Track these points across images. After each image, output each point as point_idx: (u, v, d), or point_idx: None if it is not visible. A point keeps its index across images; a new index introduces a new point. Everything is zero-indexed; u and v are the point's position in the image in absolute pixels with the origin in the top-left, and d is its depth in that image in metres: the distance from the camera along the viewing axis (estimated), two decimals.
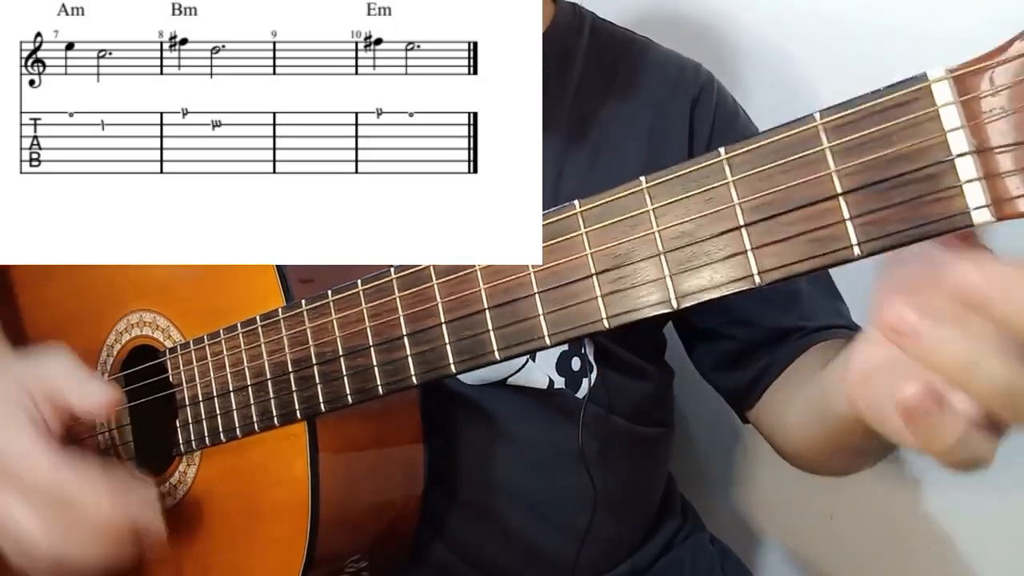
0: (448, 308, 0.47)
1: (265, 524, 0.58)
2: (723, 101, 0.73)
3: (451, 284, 0.46)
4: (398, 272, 0.49)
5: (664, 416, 0.76)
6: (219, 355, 0.58)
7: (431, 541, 0.66)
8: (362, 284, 0.51)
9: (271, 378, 0.55)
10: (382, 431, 0.60)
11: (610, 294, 0.41)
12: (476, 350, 0.46)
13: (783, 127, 0.36)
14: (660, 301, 0.39)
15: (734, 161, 0.37)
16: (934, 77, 0.32)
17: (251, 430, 0.57)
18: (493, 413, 0.66)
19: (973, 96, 0.31)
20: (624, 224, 0.40)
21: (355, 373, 0.51)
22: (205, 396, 0.60)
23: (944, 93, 0.32)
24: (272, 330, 0.55)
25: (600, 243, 0.41)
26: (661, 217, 0.39)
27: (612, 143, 0.70)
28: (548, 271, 0.43)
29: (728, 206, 0.37)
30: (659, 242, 0.39)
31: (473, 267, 0.45)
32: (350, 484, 0.58)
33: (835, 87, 0.77)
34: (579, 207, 0.41)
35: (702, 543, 0.77)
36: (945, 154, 0.32)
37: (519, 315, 0.44)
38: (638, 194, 0.40)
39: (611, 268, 0.40)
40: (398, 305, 0.49)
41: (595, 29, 0.75)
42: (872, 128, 0.33)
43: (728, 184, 0.37)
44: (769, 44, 0.84)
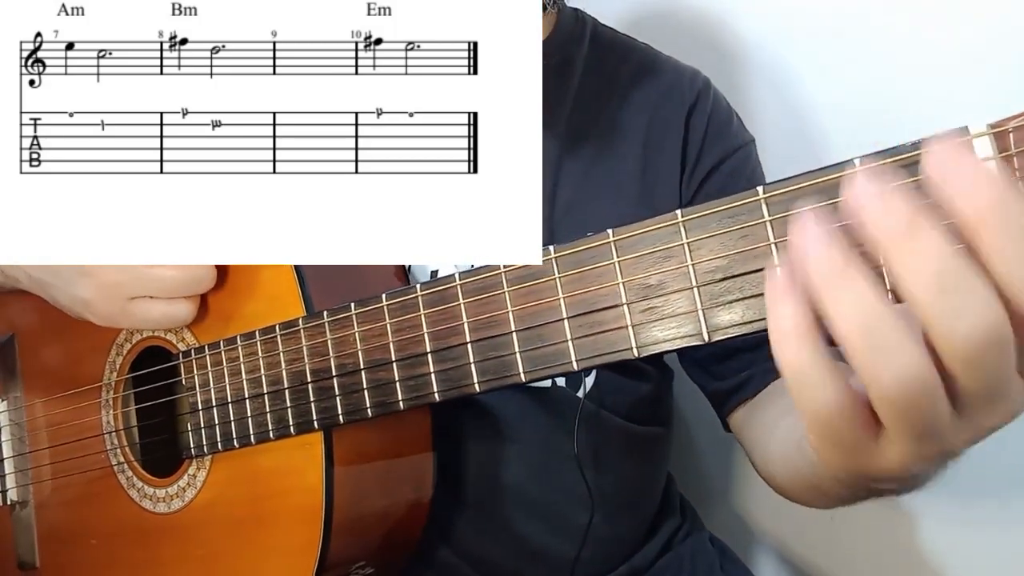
0: (474, 327, 0.47)
1: (275, 530, 0.58)
2: (717, 108, 0.73)
3: (478, 304, 0.47)
4: (424, 289, 0.49)
5: (663, 416, 0.76)
6: (235, 361, 0.58)
7: (433, 542, 0.66)
8: (387, 299, 0.51)
9: (289, 387, 0.55)
10: (395, 440, 0.60)
11: (640, 324, 0.41)
12: (501, 371, 0.46)
13: (822, 170, 0.35)
14: (692, 334, 0.39)
15: (772, 200, 0.37)
16: (975, 132, 0.32)
17: (266, 437, 0.57)
18: (496, 412, 0.66)
19: (1011, 153, 0.31)
20: (657, 255, 0.40)
21: (376, 387, 0.51)
22: (219, 401, 0.59)
23: (985, 148, 0.32)
24: (292, 339, 0.55)
25: (632, 273, 0.41)
26: (696, 251, 0.39)
27: (608, 152, 0.70)
28: (578, 297, 0.43)
29: (765, 244, 0.37)
30: (693, 276, 0.39)
31: (501, 288, 0.45)
32: (362, 492, 0.58)
33: (833, 91, 0.78)
34: (612, 236, 0.42)
35: (702, 543, 0.77)
36: None
37: (547, 339, 0.44)
38: (673, 227, 0.40)
39: (642, 299, 0.41)
40: (423, 322, 0.49)
41: (596, 35, 0.75)
42: (910, 178, 0.33)
43: (765, 223, 0.37)
44: (767, 48, 0.84)
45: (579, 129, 0.70)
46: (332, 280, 0.58)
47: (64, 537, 0.74)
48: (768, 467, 0.63)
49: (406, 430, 0.61)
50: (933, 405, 0.30)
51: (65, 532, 0.74)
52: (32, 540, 0.75)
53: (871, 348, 0.29)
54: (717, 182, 0.70)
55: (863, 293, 0.28)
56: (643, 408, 0.72)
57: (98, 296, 0.60)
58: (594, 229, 0.68)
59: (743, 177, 0.71)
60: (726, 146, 0.71)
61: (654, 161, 0.70)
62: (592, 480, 0.65)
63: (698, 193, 0.70)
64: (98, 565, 0.70)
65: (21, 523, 0.76)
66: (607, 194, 0.69)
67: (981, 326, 0.28)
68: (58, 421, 0.73)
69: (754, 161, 0.73)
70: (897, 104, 0.72)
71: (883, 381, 0.29)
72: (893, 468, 0.33)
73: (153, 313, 0.60)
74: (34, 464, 0.75)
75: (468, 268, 0.48)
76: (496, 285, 0.46)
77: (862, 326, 0.28)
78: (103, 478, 0.69)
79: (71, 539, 0.73)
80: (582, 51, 0.73)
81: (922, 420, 0.30)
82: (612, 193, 0.69)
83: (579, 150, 0.69)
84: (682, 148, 0.70)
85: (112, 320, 0.62)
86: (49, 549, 0.75)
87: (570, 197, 0.68)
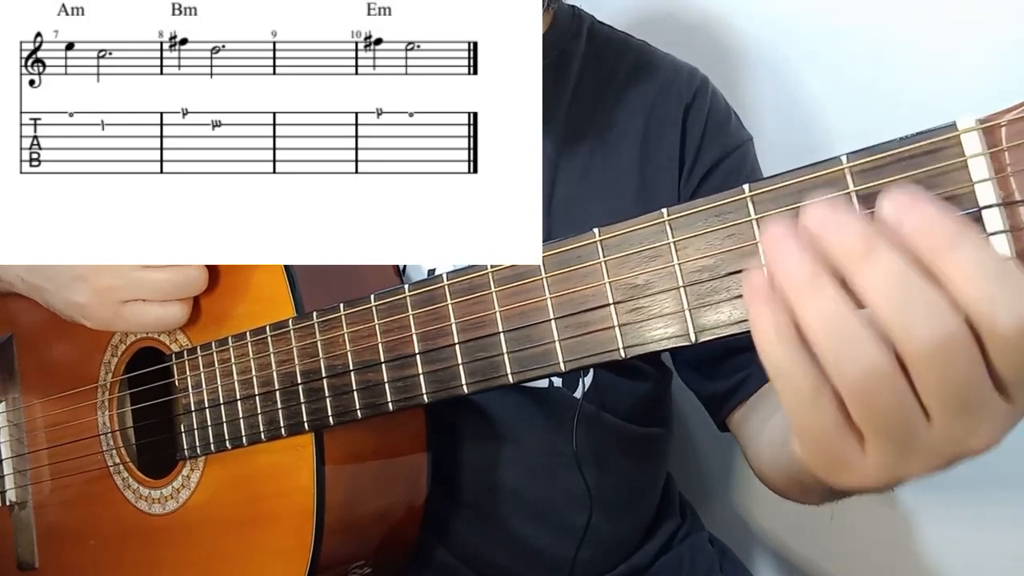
0: (462, 328, 0.47)
1: (268, 531, 0.58)
2: (715, 106, 0.73)
3: (466, 304, 0.46)
4: (412, 290, 0.49)
5: (662, 416, 0.76)
6: (227, 362, 0.58)
7: (431, 543, 0.66)
8: (375, 299, 0.50)
9: (279, 388, 0.55)
10: (388, 441, 0.60)
11: (628, 324, 0.40)
12: (489, 372, 0.46)
13: (806, 168, 0.35)
14: (678, 334, 0.39)
15: (758, 198, 0.36)
16: (963, 127, 0.32)
17: (257, 439, 0.57)
18: (493, 413, 0.66)
19: (1001, 148, 0.31)
20: (644, 255, 0.40)
21: (365, 388, 0.51)
22: (211, 402, 0.59)
23: (973, 144, 0.31)
24: (282, 340, 0.55)
25: (619, 272, 0.41)
26: (682, 250, 0.38)
27: (606, 149, 0.70)
28: (565, 297, 0.43)
29: (751, 243, 0.37)
30: (679, 275, 0.39)
31: (489, 289, 0.45)
32: (355, 494, 0.58)
33: (831, 89, 0.78)
34: (599, 235, 0.41)
35: (701, 543, 0.77)
36: (973, 204, 0.32)
37: (535, 339, 0.44)
38: (659, 226, 0.39)
39: (629, 299, 0.40)
40: (411, 323, 0.49)
41: (593, 32, 0.75)
42: (899, 174, 0.33)
43: (751, 221, 0.37)
44: (765, 45, 0.84)
45: (576, 127, 0.70)
46: (323, 281, 0.58)
47: (63, 538, 0.74)
48: (760, 463, 0.63)
49: (399, 431, 0.61)
50: (900, 404, 0.31)
51: (64, 533, 0.73)
52: (31, 541, 0.75)
53: (837, 345, 0.30)
54: (715, 181, 0.70)
55: (830, 299, 0.30)
56: (642, 408, 0.72)
57: (92, 300, 0.61)
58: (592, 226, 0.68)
59: (742, 176, 0.71)
60: (724, 145, 0.71)
61: (652, 158, 0.69)
62: (591, 480, 0.65)
63: (696, 192, 0.70)
64: (96, 566, 0.70)
65: (20, 524, 0.76)
66: (605, 191, 0.69)
67: (938, 333, 0.29)
68: (56, 422, 0.73)
69: (752, 159, 0.73)
70: (895, 102, 0.73)
71: (848, 376, 0.30)
72: (870, 479, 0.34)
73: (147, 316, 0.60)
74: (33, 465, 0.75)
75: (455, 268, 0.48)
76: (484, 285, 0.46)
77: (828, 327, 0.30)
78: (100, 479, 0.69)
79: (70, 540, 0.73)
80: (579, 48, 0.73)
81: (893, 421, 0.31)
82: (610, 190, 0.69)
83: (576, 148, 0.69)
84: (680, 146, 0.70)
85: (107, 324, 0.62)
86: (48, 550, 0.75)
87: (567, 195, 0.68)
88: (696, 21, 0.90)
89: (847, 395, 0.31)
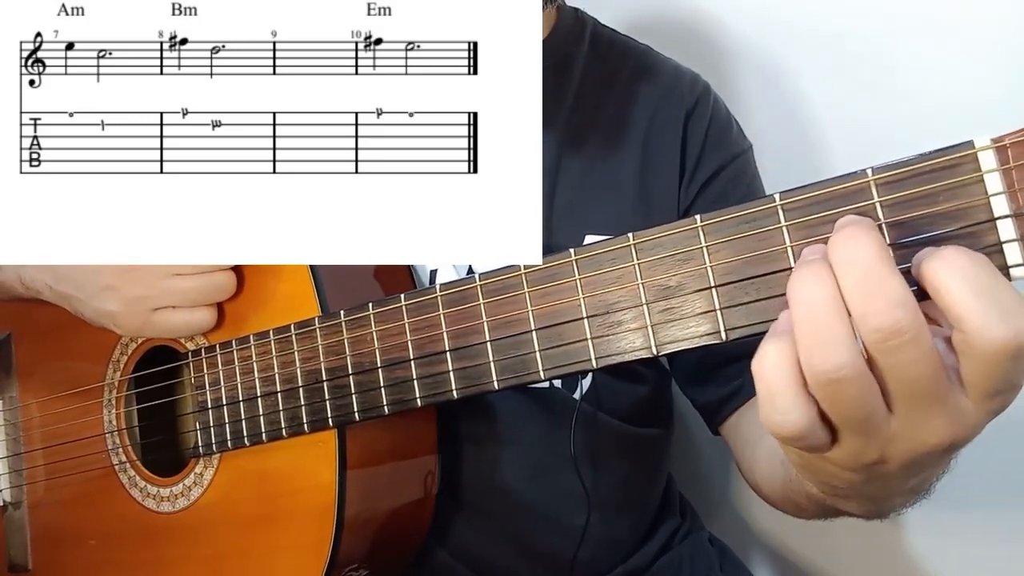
0: (493, 326, 0.47)
1: (286, 528, 0.59)
2: (717, 113, 0.73)
3: (498, 303, 0.47)
4: (443, 290, 0.49)
5: (661, 418, 0.76)
6: (248, 360, 0.59)
7: (430, 543, 0.66)
8: (405, 299, 0.51)
9: (303, 385, 0.56)
10: (403, 440, 0.61)
11: (660, 324, 0.42)
12: (520, 369, 0.47)
13: (834, 179, 0.37)
14: (710, 332, 0.41)
15: (787, 207, 0.38)
16: (980, 145, 0.34)
17: (278, 435, 0.57)
18: (493, 414, 0.66)
19: (1010, 166, 0.34)
20: (676, 258, 0.41)
21: (393, 384, 0.52)
22: (230, 399, 0.60)
23: (988, 160, 0.34)
24: (307, 338, 0.56)
25: (652, 274, 0.42)
26: (714, 254, 0.40)
27: (607, 152, 0.70)
28: (598, 298, 0.44)
29: (780, 248, 0.38)
30: (711, 277, 0.40)
31: (522, 288, 0.46)
32: (372, 491, 0.58)
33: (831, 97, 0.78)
34: (632, 239, 0.43)
35: (701, 543, 0.77)
36: (987, 215, 0.34)
37: (566, 337, 0.45)
38: (692, 231, 0.41)
39: (661, 299, 0.42)
40: (442, 320, 0.49)
41: (595, 36, 0.75)
42: (919, 187, 0.35)
43: (781, 228, 0.39)
44: (763, 50, 0.85)
45: (578, 129, 0.70)
46: (346, 282, 0.59)
47: (59, 538, 0.73)
48: (754, 475, 0.64)
49: (414, 431, 0.61)
50: (864, 393, 0.33)
51: (60, 533, 0.73)
52: (25, 542, 0.75)
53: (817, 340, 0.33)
54: (716, 189, 0.70)
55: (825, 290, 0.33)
56: (640, 410, 0.72)
57: (123, 309, 0.62)
58: (593, 229, 0.68)
59: (742, 184, 0.71)
60: (725, 153, 0.71)
61: (652, 163, 0.70)
62: (589, 481, 0.65)
63: (697, 199, 0.70)
64: (95, 566, 0.70)
65: (13, 524, 0.76)
66: (606, 194, 0.69)
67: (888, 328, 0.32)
68: (56, 421, 0.73)
69: (752, 168, 0.73)
70: (896, 109, 0.73)
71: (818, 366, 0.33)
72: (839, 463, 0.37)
73: (175, 322, 0.61)
74: (28, 465, 0.75)
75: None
76: (517, 285, 0.46)
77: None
78: (103, 478, 0.69)
79: (66, 540, 0.73)
80: (581, 51, 0.73)
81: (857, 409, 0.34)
82: (611, 193, 0.69)
83: (578, 150, 0.69)
84: (681, 152, 0.70)
85: (137, 331, 0.64)
86: (42, 551, 0.74)
87: (569, 197, 0.68)
88: (697, 27, 0.90)
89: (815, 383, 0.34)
